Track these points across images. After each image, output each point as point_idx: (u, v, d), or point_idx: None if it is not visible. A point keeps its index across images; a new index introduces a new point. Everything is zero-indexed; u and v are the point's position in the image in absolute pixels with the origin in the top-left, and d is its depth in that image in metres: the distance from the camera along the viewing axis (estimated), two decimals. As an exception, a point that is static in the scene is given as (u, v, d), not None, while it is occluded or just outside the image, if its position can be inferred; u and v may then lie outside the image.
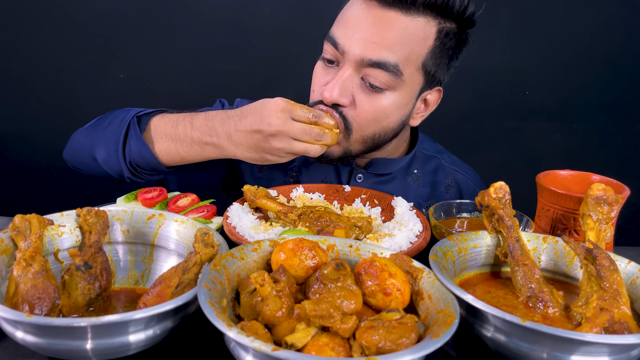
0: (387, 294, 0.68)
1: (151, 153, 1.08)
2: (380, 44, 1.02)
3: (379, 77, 1.04)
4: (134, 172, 1.12)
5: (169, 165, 1.12)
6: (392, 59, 1.03)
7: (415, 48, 1.05)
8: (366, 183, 1.24)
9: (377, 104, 1.07)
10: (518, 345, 0.66)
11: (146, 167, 1.11)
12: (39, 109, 2.13)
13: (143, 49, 2.07)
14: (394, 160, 1.25)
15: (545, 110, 2.19)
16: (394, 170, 1.25)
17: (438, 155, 1.33)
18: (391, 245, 0.90)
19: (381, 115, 1.08)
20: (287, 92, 1.55)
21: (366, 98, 1.06)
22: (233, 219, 0.96)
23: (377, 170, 1.24)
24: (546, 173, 1.01)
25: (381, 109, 1.07)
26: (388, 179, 1.26)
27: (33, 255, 0.70)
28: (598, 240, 0.84)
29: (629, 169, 2.25)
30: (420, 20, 1.04)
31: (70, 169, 1.24)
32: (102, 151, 1.12)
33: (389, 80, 1.05)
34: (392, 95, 1.07)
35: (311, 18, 2.04)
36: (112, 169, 1.12)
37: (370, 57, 1.03)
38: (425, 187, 1.29)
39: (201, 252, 0.71)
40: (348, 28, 1.05)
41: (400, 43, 1.03)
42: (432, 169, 1.31)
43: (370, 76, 1.05)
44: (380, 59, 1.03)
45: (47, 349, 0.61)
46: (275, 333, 0.62)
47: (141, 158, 1.09)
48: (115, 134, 1.10)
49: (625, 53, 2.12)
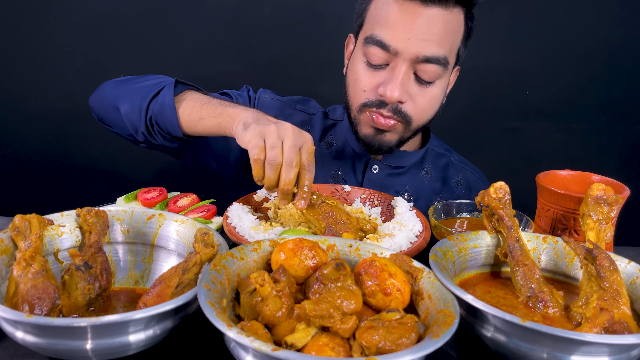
0: (387, 294, 0.68)
1: (174, 112, 1.10)
2: (430, 41, 1.08)
3: (431, 70, 1.11)
4: (150, 131, 1.14)
5: (184, 129, 1.12)
6: (442, 53, 1.10)
7: (456, 38, 1.13)
8: (381, 174, 1.29)
9: (431, 94, 1.15)
10: (518, 345, 0.66)
11: (163, 126, 1.12)
12: (39, 109, 2.13)
13: (143, 49, 2.07)
14: (408, 154, 1.31)
15: (545, 110, 2.19)
16: (408, 164, 1.31)
17: (447, 153, 1.40)
18: (391, 245, 0.90)
19: (434, 103, 1.18)
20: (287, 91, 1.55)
21: (421, 92, 1.14)
22: (233, 219, 0.96)
23: (392, 163, 1.30)
24: (546, 173, 1.01)
25: (434, 98, 1.16)
26: (402, 172, 1.31)
27: (33, 255, 0.70)
28: (598, 240, 0.84)
29: (629, 169, 2.25)
30: (455, 12, 1.11)
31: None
32: (127, 103, 1.15)
33: (440, 71, 1.12)
34: (439, 82, 1.15)
35: (311, 18, 2.04)
36: (131, 122, 1.15)
37: (425, 54, 1.08)
38: (437, 181, 1.34)
39: (201, 252, 0.71)
40: (397, 30, 1.09)
41: (446, 37, 1.10)
42: (443, 165, 1.37)
43: (422, 71, 1.11)
44: (433, 55, 1.09)
45: (47, 349, 0.61)
46: (275, 333, 0.62)
47: (163, 114, 1.10)
48: (147, 90, 1.14)
49: (626, 53, 2.12)
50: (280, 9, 2.05)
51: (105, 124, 1.25)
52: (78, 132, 2.15)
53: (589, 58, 2.12)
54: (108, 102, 1.19)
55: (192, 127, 1.11)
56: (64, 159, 2.18)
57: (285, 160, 0.90)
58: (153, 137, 1.15)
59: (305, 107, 1.39)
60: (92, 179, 2.21)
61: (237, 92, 1.34)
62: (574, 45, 2.11)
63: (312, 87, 2.06)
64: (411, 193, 1.30)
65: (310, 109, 1.39)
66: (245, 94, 1.35)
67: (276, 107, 1.35)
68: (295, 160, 0.91)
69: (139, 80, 1.20)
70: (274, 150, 0.90)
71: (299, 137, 0.93)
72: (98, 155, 2.18)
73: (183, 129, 1.12)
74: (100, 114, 1.24)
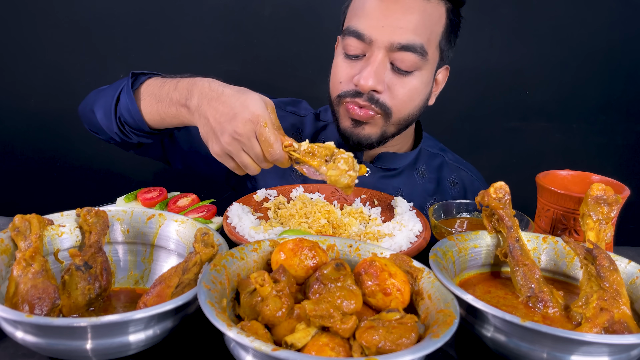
0: (387, 294, 0.68)
1: (136, 108, 1.08)
2: (406, 28, 1.08)
3: (408, 59, 1.10)
4: (122, 130, 1.13)
5: (152, 126, 1.11)
6: (418, 41, 1.09)
7: (435, 28, 1.12)
8: (373, 177, 1.27)
9: (409, 85, 1.12)
10: (518, 345, 0.66)
11: (132, 124, 1.11)
12: (39, 109, 2.13)
13: (143, 49, 2.07)
14: (400, 155, 1.28)
15: (545, 110, 2.19)
16: (400, 166, 1.29)
17: (442, 153, 1.37)
18: (391, 245, 0.90)
19: (414, 95, 1.14)
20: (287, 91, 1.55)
21: (399, 82, 1.12)
22: (233, 219, 0.96)
23: (385, 165, 1.27)
24: (546, 173, 1.01)
25: (413, 89, 1.14)
26: (395, 174, 1.29)
27: (33, 255, 0.70)
28: (598, 240, 0.84)
29: (629, 169, 2.25)
30: (434, 2, 1.11)
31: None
32: (101, 107, 1.15)
33: (417, 61, 1.10)
34: (419, 74, 1.13)
35: (311, 18, 2.04)
36: (106, 125, 1.14)
37: (400, 41, 1.08)
38: (431, 182, 1.32)
39: (201, 252, 0.71)
40: (372, 18, 1.09)
41: (423, 25, 1.09)
42: (437, 165, 1.34)
43: (399, 60, 1.10)
44: (408, 42, 1.08)
45: (47, 349, 0.61)
46: (275, 333, 0.62)
47: (127, 112, 1.09)
48: (114, 90, 1.13)
49: (625, 53, 2.12)
50: (280, 9, 2.05)
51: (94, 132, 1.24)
52: (78, 132, 2.14)
53: (589, 58, 2.12)
54: (88, 108, 1.20)
55: (158, 124, 1.10)
56: (64, 159, 2.18)
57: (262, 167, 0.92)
58: (127, 136, 1.14)
59: (296, 108, 1.37)
60: (92, 179, 2.21)
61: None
62: (573, 45, 2.11)
63: (312, 87, 2.05)
64: (404, 195, 1.27)
65: (301, 111, 1.37)
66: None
67: None
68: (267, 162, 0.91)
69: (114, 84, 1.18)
70: (249, 169, 0.93)
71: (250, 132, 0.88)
72: (98, 155, 2.18)
73: (150, 126, 1.11)
74: (86, 121, 1.24)
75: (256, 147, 0.90)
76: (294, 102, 1.39)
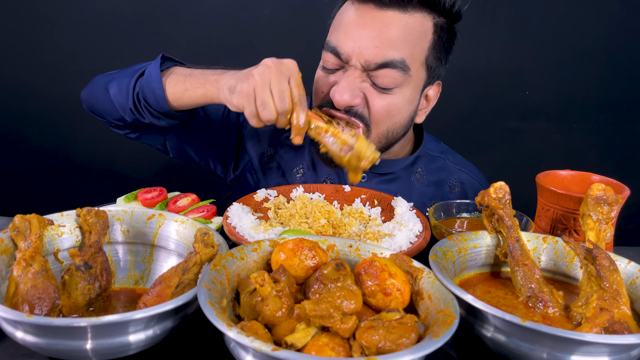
0: (387, 294, 0.68)
1: (160, 84, 1.09)
2: (383, 46, 1.05)
3: (388, 75, 1.06)
4: (137, 107, 1.13)
5: (170, 102, 1.11)
6: (398, 56, 1.06)
7: (419, 43, 1.08)
8: (369, 183, 1.25)
9: (389, 100, 1.10)
10: (518, 345, 0.66)
11: (151, 100, 1.11)
12: (39, 109, 2.13)
13: (143, 49, 2.07)
14: (396, 160, 1.26)
15: (545, 110, 2.19)
16: (396, 170, 1.26)
17: (442, 156, 1.34)
18: (391, 245, 0.90)
19: (394, 110, 1.11)
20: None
21: (378, 97, 1.09)
22: (233, 219, 0.96)
23: (380, 170, 1.25)
24: (546, 173, 1.01)
25: (393, 105, 1.10)
26: (391, 179, 1.26)
27: (33, 255, 0.70)
28: (598, 240, 0.84)
29: (629, 169, 2.25)
30: (418, 16, 1.07)
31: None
32: (116, 84, 1.15)
33: (398, 77, 1.07)
34: (401, 92, 1.10)
35: (311, 18, 2.04)
36: (119, 102, 1.15)
37: (376, 60, 1.05)
38: (430, 186, 1.29)
39: (201, 252, 0.71)
40: (348, 36, 1.07)
41: (403, 40, 1.06)
42: (436, 168, 1.32)
43: (379, 77, 1.07)
44: (386, 60, 1.05)
45: (47, 349, 0.61)
46: (275, 333, 0.62)
47: (149, 88, 1.10)
48: (134, 70, 1.14)
49: (625, 53, 2.12)
50: (280, 9, 2.05)
51: (96, 113, 1.25)
52: (78, 132, 2.15)
53: (589, 58, 2.12)
54: (98, 86, 1.20)
55: (179, 99, 1.10)
56: (64, 159, 2.18)
57: (279, 110, 0.93)
58: (141, 114, 1.14)
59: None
60: (92, 179, 2.21)
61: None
62: (574, 45, 2.11)
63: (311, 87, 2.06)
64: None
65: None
66: None
67: None
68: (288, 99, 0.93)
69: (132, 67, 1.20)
70: (266, 109, 0.93)
71: (285, 71, 0.93)
72: (98, 155, 2.18)
73: (170, 103, 1.11)
74: (90, 101, 1.24)
75: (284, 83, 0.92)
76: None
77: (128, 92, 1.13)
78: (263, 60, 0.95)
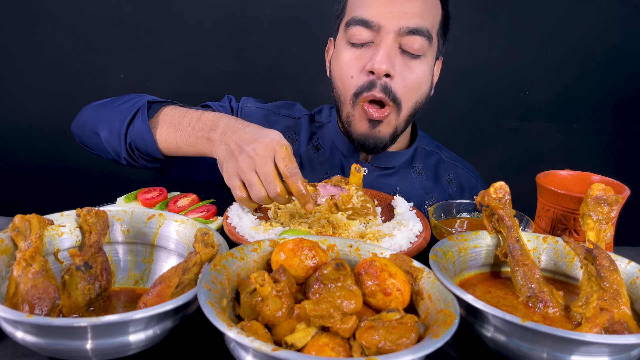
0: (387, 294, 0.68)
1: (152, 137, 1.11)
2: (412, 13, 1.11)
3: (416, 43, 1.12)
4: (131, 155, 1.15)
5: (165, 154, 1.13)
6: (424, 25, 1.12)
7: (435, 15, 1.16)
8: (370, 176, 1.27)
9: (417, 70, 1.14)
10: (518, 345, 0.66)
11: (144, 151, 1.13)
12: (39, 109, 2.13)
13: (143, 49, 2.07)
14: (396, 154, 1.29)
15: (545, 110, 2.19)
16: (397, 164, 1.29)
17: (437, 151, 1.37)
18: (391, 245, 0.90)
19: (422, 80, 1.16)
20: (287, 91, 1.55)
21: (407, 67, 1.14)
22: (233, 219, 0.96)
23: (381, 164, 1.28)
24: (546, 173, 1.01)
25: (422, 75, 1.16)
26: (392, 172, 1.29)
27: (33, 255, 0.70)
28: (598, 240, 0.84)
29: (629, 169, 2.25)
30: None
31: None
32: (106, 129, 1.16)
33: (424, 45, 1.13)
34: (425, 60, 1.16)
35: (311, 18, 2.04)
36: (112, 147, 1.16)
37: (408, 24, 1.10)
38: (428, 180, 1.32)
39: (201, 252, 0.71)
40: (377, 6, 1.12)
41: (426, 11, 1.13)
42: (434, 163, 1.35)
43: (409, 43, 1.12)
44: (416, 26, 1.11)
45: (47, 349, 0.61)
46: (275, 333, 0.62)
47: (141, 141, 1.11)
48: (124, 114, 1.14)
49: (625, 53, 2.12)
50: (280, 9, 2.05)
51: (88, 148, 1.26)
52: (78, 132, 2.15)
53: (589, 58, 2.12)
54: (88, 127, 1.21)
55: (173, 153, 1.13)
56: (64, 159, 2.18)
57: (267, 189, 0.93)
58: (135, 160, 1.17)
59: (290, 111, 1.37)
60: (92, 179, 2.21)
61: (219, 104, 1.33)
62: (573, 45, 2.11)
63: (312, 87, 2.06)
64: (402, 193, 1.27)
65: (295, 113, 1.36)
66: (227, 105, 1.34)
67: (260, 115, 1.34)
68: (276, 181, 0.93)
69: (116, 103, 1.20)
70: (253, 188, 0.94)
71: (268, 152, 0.93)
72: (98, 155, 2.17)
73: (163, 153, 1.13)
74: (82, 139, 1.25)
75: (269, 167, 0.92)
76: (287, 105, 1.39)
77: (120, 141, 1.14)
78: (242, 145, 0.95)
